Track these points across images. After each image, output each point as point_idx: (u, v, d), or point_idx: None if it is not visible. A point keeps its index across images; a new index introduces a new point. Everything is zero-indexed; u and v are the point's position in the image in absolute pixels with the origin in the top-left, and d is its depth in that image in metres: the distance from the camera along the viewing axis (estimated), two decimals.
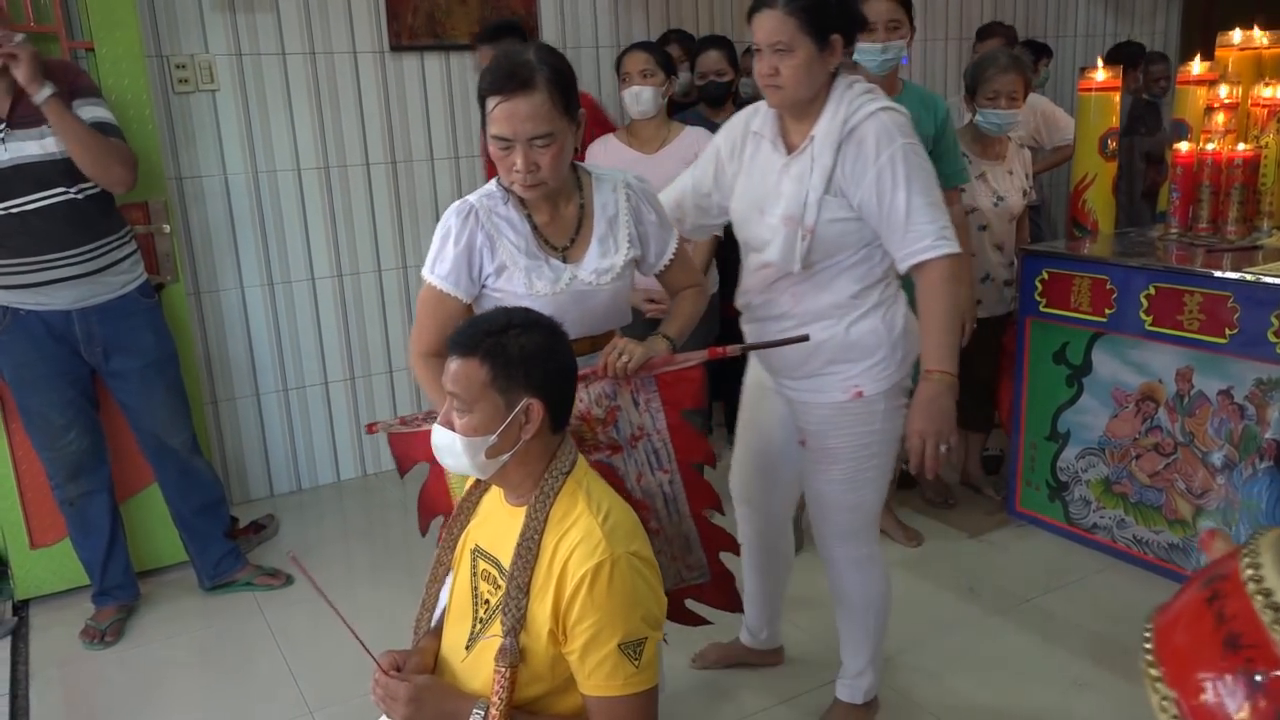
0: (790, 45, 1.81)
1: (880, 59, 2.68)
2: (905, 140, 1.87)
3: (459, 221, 1.73)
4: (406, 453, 1.80)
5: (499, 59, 1.66)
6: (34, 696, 2.55)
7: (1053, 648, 2.59)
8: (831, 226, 1.89)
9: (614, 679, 1.32)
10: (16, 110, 2.51)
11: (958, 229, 2.87)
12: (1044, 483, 3.21)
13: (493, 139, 1.66)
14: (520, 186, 1.68)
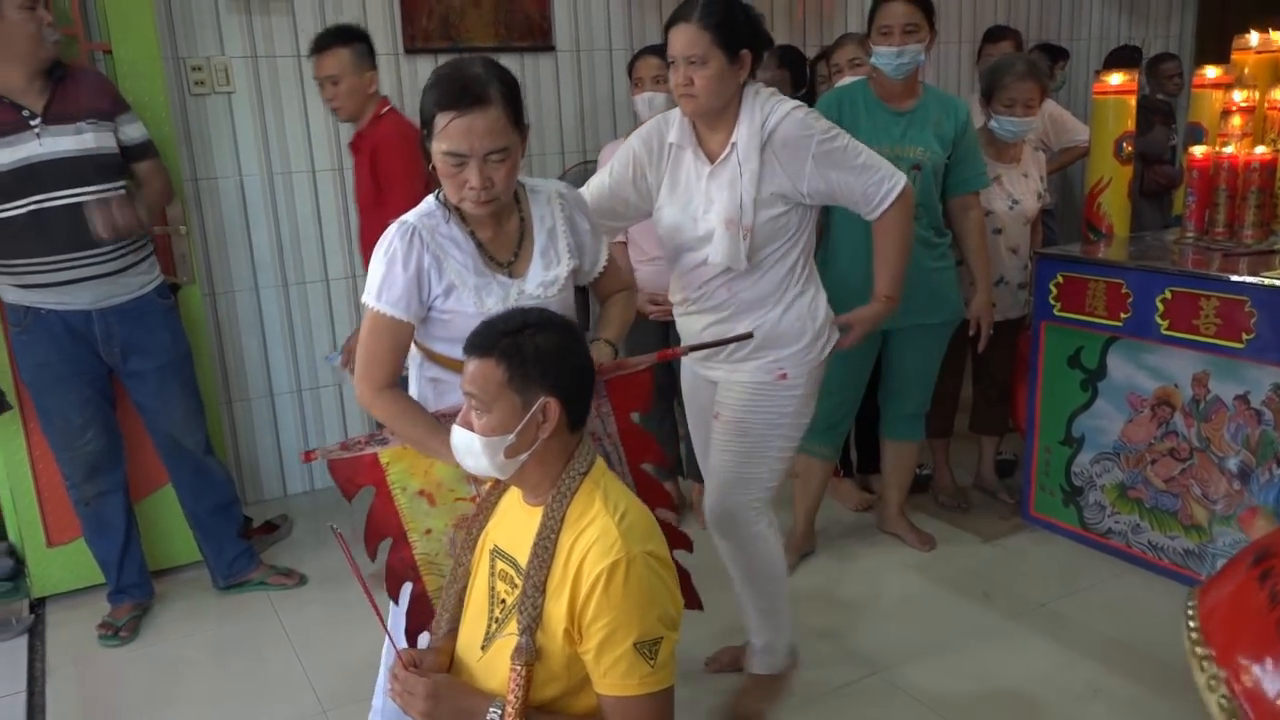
0: (704, 58, 1.96)
1: (895, 63, 2.69)
2: (819, 126, 2.07)
3: (404, 244, 1.68)
4: (350, 478, 1.75)
5: (449, 75, 1.64)
6: (50, 693, 2.56)
7: (1067, 653, 2.58)
8: (767, 225, 2.07)
9: (629, 678, 1.32)
10: (52, 105, 2.53)
11: (976, 233, 2.88)
12: (1058, 487, 3.20)
13: (445, 155, 1.62)
14: (472, 203, 1.66)
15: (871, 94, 2.79)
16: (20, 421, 2.86)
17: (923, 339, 2.93)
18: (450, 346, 1.71)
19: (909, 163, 2.73)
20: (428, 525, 1.76)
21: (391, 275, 1.68)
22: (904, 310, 2.82)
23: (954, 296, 2.93)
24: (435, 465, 1.74)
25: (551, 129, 4.00)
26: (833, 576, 3.04)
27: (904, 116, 2.76)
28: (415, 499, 1.76)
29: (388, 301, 1.69)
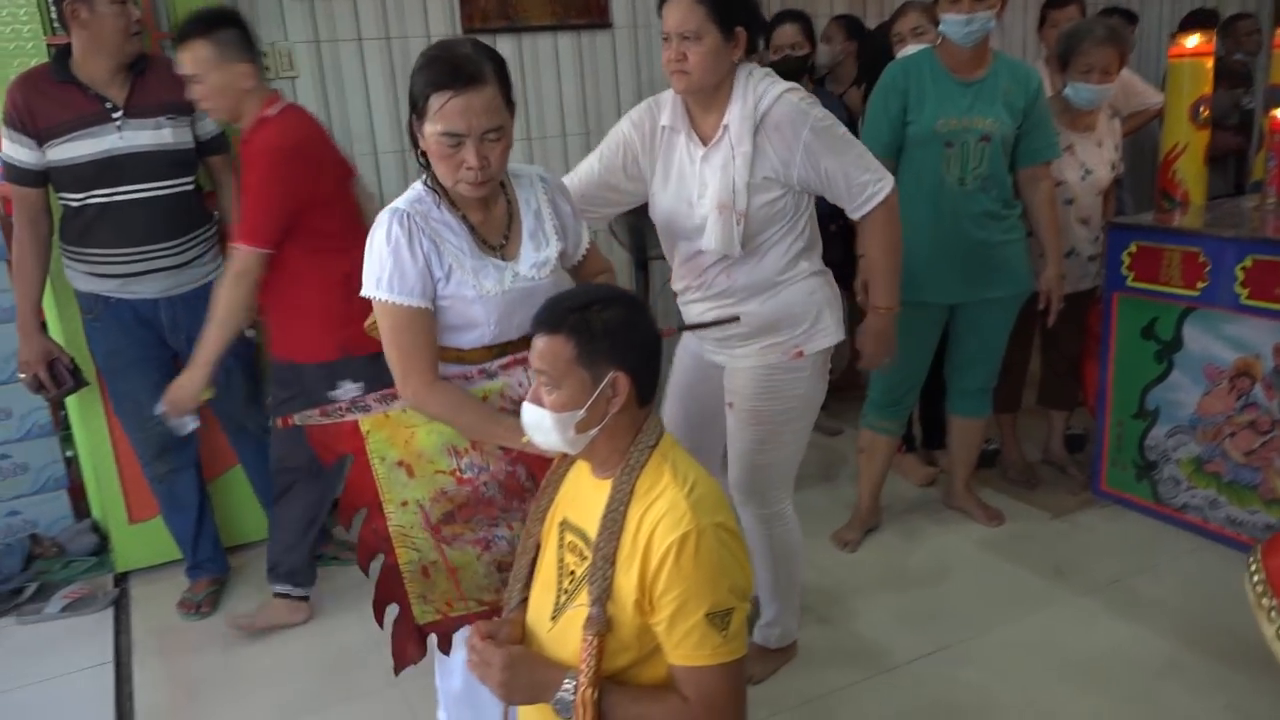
0: (698, 33, 1.92)
1: (965, 30, 2.61)
2: (814, 113, 2.01)
3: (404, 232, 1.65)
4: (328, 445, 1.73)
5: (441, 55, 1.60)
6: (136, 664, 2.65)
7: (1142, 629, 2.53)
8: (762, 209, 2.03)
9: (702, 649, 1.32)
10: (133, 98, 2.60)
11: (1046, 204, 2.81)
12: (1131, 462, 3.13)
13: (441, 136, 1.59)
14: (468, 185, 1.64)
15: (938, 64, 2.73)
16: (101, 402, 2.95)
17: (991, 313, 2.87)
18: (445, 335, 1.73)
19: (977, 134, 2.67)
20: (404, 497, 1.75)
21: (400, 265, 1.65)
22: (972, 284, 2.79)
23: (1023, 270, 2.86)
24: (417, 435, 1.73)
25: (609, 107, 4.00)
26: (899, 552, 3.02)
27: (972, 87, 2.70)
28: (394, 469, 1.74)
29: (403, 292, 1.66)
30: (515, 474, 1.78)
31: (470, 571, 1.80)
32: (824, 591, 2.80)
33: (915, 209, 2.76)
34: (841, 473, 3.59)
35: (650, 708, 1.36)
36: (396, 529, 1.75)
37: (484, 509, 1.78)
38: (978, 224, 2.74)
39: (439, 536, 1.77)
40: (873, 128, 2.79)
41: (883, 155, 2.76)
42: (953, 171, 2.70)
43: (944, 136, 2.68)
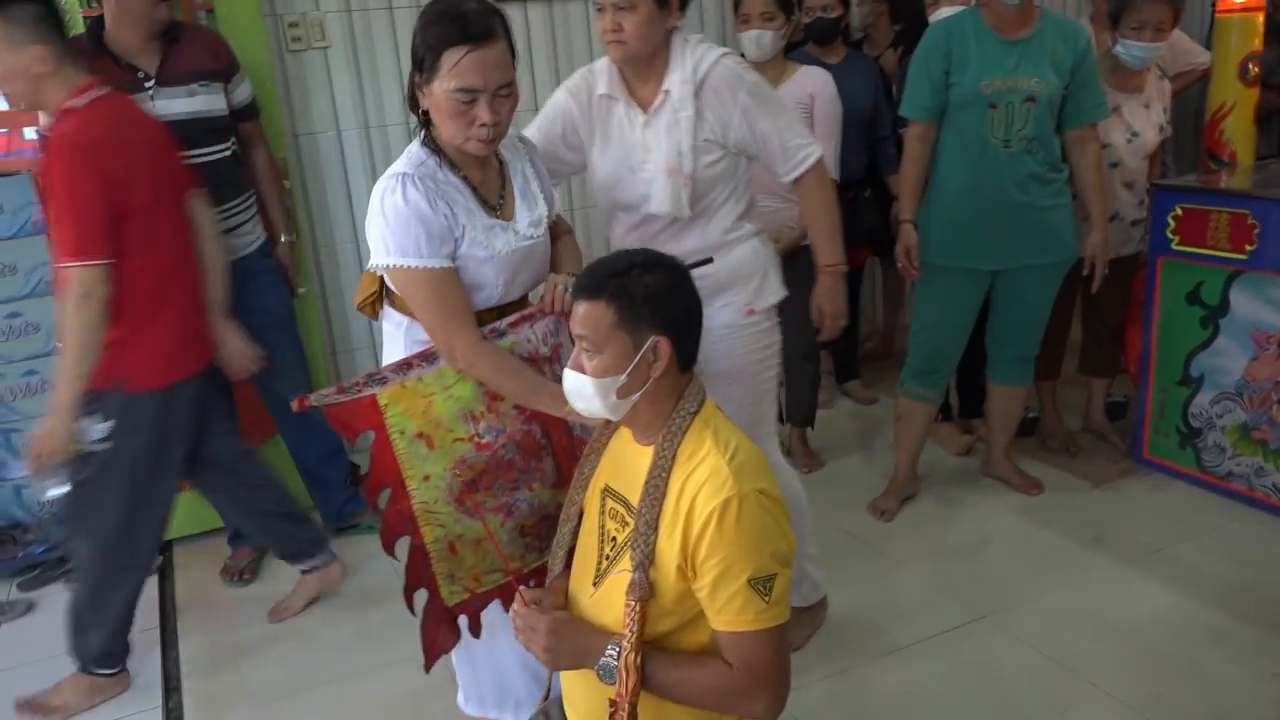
0: (633, 3, 1.92)
1: None
2: (749, 77, 2.06)
3: (420, 193, 1.63)
4: (349, 423, 1.69)
5: (450, 11, 1.59)
6: (181, 629, 2.70)
7: (1186, 599, 2.50)
8: (707, 170, 2.06)
9: (744, 614, 1.32)
10: (165, 66, 2.60)
11: (1093, 167, 2.75)
12: (1174, 429, 3.08)
13: (456, 92, 1.58)
14: (479, 142, 1.63)
15: (982, 23, 2.66)
16: None
17: (1034, 280, 2.81)
18: None
19: (1023, 94, 2.61)
20: (426, 471, 1.71)
21: (427, 226, 1.64)
22: (1014, 249, 2.74)
23: (1068, 236, 2.80)
24: (434, 403, 1.70)
25: None
26: (938, 521, 3.00)
27: (1017, 46, 2.62)
28: (413, 443, 1.70)
29: (433, 254, 1.64)
30: (531, 432, 1.79)
31: (496, 541, 1.79)
32: (861, 560, 2.80)
33: (958, 172, 2.72)
34: (877, 442, 3.56)
35: (693, 672, 1.36)
36: (421, 506, 1.73)
37: (504, 473, 1.77)
38: (1023, 188, 2.68)
39: (463, 508, 1.75)
40: (914, 91, 2.73)
41: (925, 119, 2.72)
42: (997, 133, 2.65)
43: (988, 97, 2.63)
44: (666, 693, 1.36)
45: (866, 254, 3.87)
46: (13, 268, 3.10)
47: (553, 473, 1.83)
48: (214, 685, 2.46)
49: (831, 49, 3.43)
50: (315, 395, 1.67)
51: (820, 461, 3.41)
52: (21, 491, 3.22)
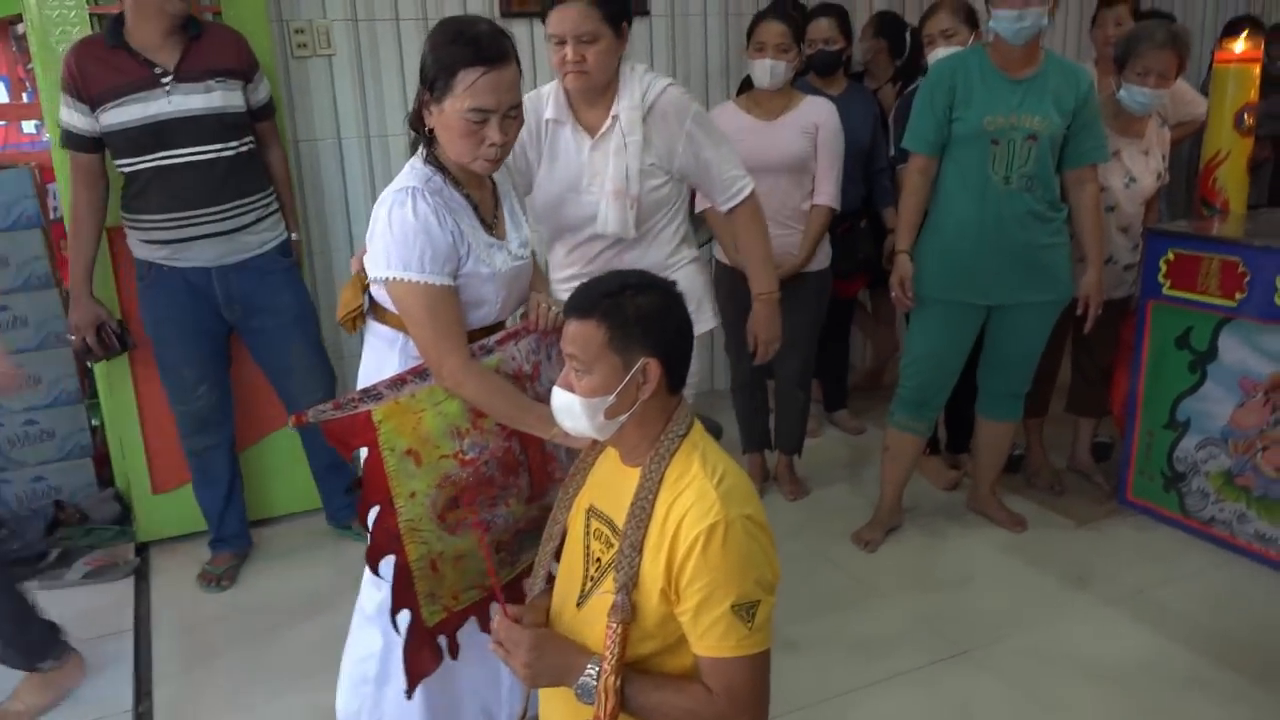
0: (595, 35, 2.01)
1: (1016, 27, 2.56)
2: (694, 106, 2.16)
3: (430, 208, 1.64)
4: (345, 439, 1.66)
5: (465, 31, 1.60)
6: (155, 633, 2.67)
7: (1168, 642, 2.50)
8: (651, 194, 2.15)
9: (727, 640, 1.31)
10: (184, 63, 2.60)
11: (1091, 208, 2.77)
12: (1159, 472, 3.09)
13: (469, 113, 1.60)
14: (487, 162, 1.66)
15: (988, 61, 2.68)
16: (129, 372, 2.97)
17: (1028, 317, 2.82)
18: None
19: (1025, 132, 2.63)
20: (412, 488, 1.70)
21: (434, 241, 1.63)
22: (1011, 286, 2.75)
23: (1064, 275, 2.80)
24: (424, 419, 1.69)
25: None
26: (921, 553, 3.00)
27: (1021, 84, 2.65)
28: (403, 459, 1.68)
29: (435, 270, 1.64)
30: (511, 449, 1.79)
31: (474, 557, 1.79)
32: (842, 590, 2.79)
33: (957, 207, 2.73)
34: (863, 472, 3.56)
35: (672, 697, 1.36)
36: (406, 524, 1.71)
37: (485, 489, 1.77)
38: (1022, 224, 2.69)
39: (444, 524, 1.74)
40: (917, 124, 2.76)
41: (927, 152, 2.74)
42: (998, 170, 2.66)
43: (990, 134, 2.64)
44: (645, 715, 1.36)
45: (860, 284, 3.88)
46: (5, 260, 3.09)
47: (526, 488, 1.83)
48: (186, 690, 2.43)
49: (832, 80, 3.46)
50: (313, 411, 1.65)
51: (806, 490, 3.41)
52: (1, 487, 3.19)
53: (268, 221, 2.80)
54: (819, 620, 2.61)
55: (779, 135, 3.02)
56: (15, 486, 3.20)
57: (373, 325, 1.83)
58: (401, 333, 1.76)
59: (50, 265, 3.17)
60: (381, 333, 1.81)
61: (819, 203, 3.08)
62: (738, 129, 3.06)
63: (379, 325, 1.81)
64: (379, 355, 1.82)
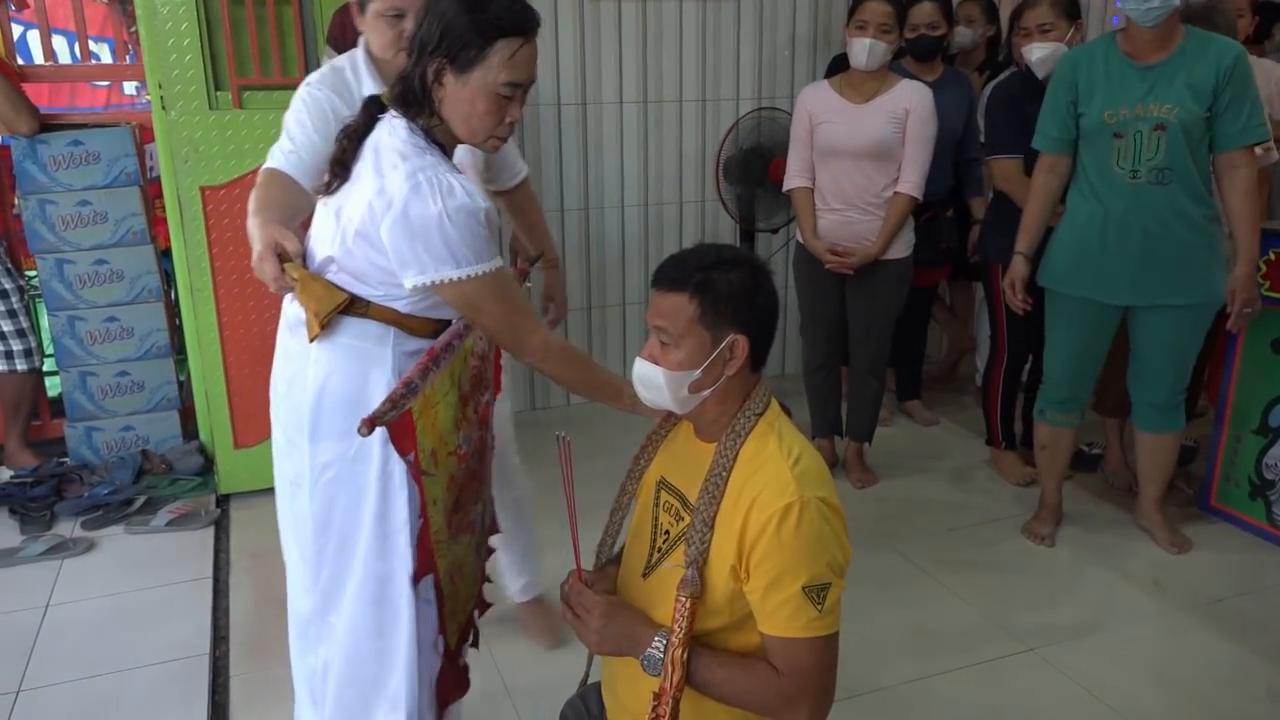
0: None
1: (1144, 8, 2.44)
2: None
3: (471, 200, 1.47)
4: (401, 442, 1.48)
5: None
6: (233, 581, 2.77)
7: (1246, 652, 2.42)
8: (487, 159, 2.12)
9: (796, 620, 1.31)
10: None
11: (1239, 195, 2.53)
12: (1246, 479, 2.99)
13: (505, 85, 1.47)
14: (498, 140, 1.56)
15: (1116, 50, 2.57)
16: (217, 330, 3.06)
17: (1168, 321, 2.66)
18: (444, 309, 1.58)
19: (1151, 122, 2.50)
20: (435, 494, 1.57)
21: (490, 227, 1.51)
22: (1143, 286, 2.63)
23: (1210, 276, 2.61)
24: (440, 412, 1.54)
25: (728, 75, 3.95)
26: (991, 548, 2.95)
27: (1151, 71, 2.51)
28: (429, 462, 1.53)
29: (494, 255, 1.51)
30: (483, 436, 1.70)
31: (467, 564, 1.71)
32: (908, 581, 2.76)
33: (1084, 203, 2.66)
34: (934, 465, 3.52)
35: (737, 674, 1.36)
36: (435, 537, 1.59)
37: (472, 485, 1.68)
38: (1157, 221, 2.56)
39: (451, 532, 1.63)
40: (1043, 121, 2.71)
41: (1052, 150, 2.68)
42: (1123, 164, 2.56)
43: (1112, 127, 2.55)
44: (709, 691, 1.36)
45: (940, 275, 3.82)
46: (104, 215, 3.20)
47: (488, 480, 1.75)
48: (260, 636, 2.51)
49: (930, 66, 3.39)
50: (378, 411, 1.42)
51: (875, 478, 3.37)
52: (92, 434, 3.33)
53: None
54: (884, 609, 2.58)
55: (867, 119, 2.97)
56: (106, 434, 3.33)
57: (351, 324, 1.57)
58: (394, 326, 1.58)
59: (146, 222, 3.28)
60: (370, 330, 1.58)
61: (901, 190, 3.02)
62: (827, 109, 3.03)
63: (364, 322, 1.57)
64: (362, 357, 1.58)
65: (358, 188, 1.52)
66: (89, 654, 2.41)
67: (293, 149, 1.88)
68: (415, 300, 1.55)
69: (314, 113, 1.92)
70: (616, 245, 3.98)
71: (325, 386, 1.59)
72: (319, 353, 1.59)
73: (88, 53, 3.67)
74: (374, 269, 1.52)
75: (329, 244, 1.55)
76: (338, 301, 1.54)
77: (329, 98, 1.94)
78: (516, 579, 2.47)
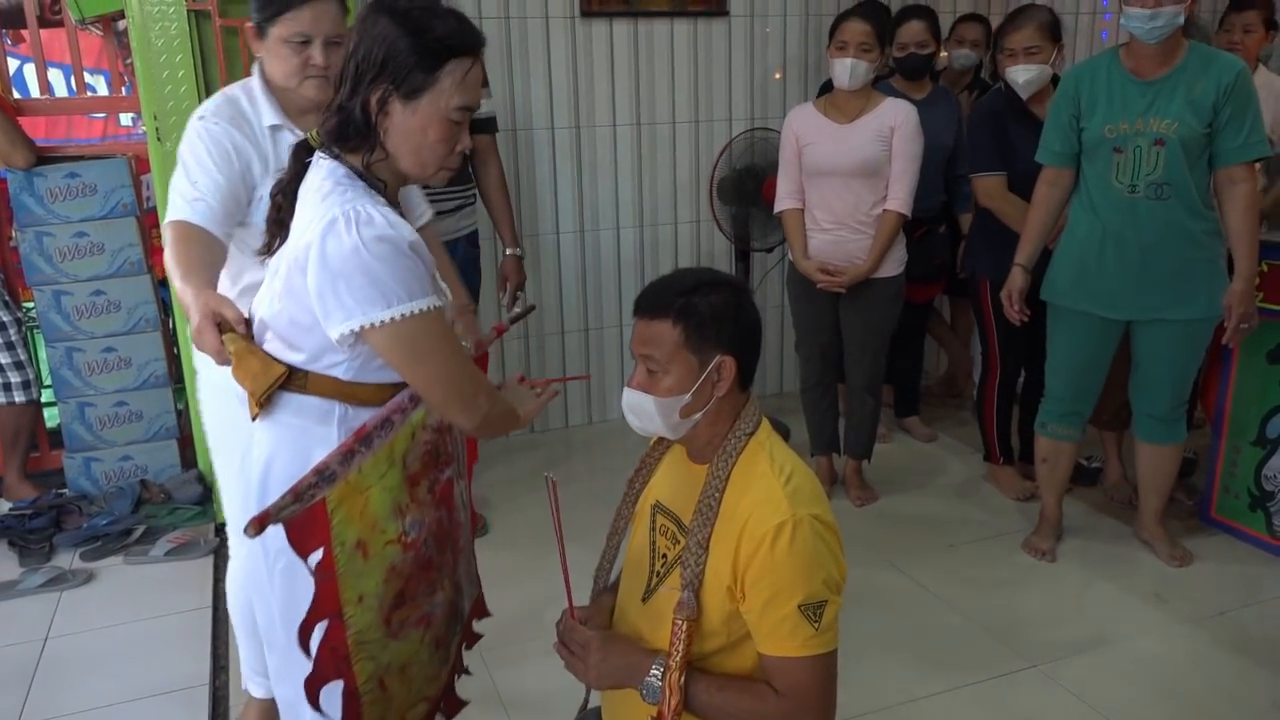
0: (342, 39, 1.75)
1: (1149, 26, 2.44)
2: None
3: (394, 230, 1.29)
4: (304, 539, 1.32)
5: (442, 11, 1.35)
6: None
7: (1249, 665, 2.41)
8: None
9: (793, 639, 1.31)
10: None
11: (1239, 211, 2.53)
12: (1245, 490, 2.99)
13: (456, 110, 1.36)
14: (449, 170, 1.43)
15: (1118, 65, 2.58)
16: None
17: (1167, 336, 2.67)
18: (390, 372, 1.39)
19: (1150, 137, 2.51)
20: (361, 589, 1.38)
21: (423, 263, 1.33)
22: (1142, 300, 2.64)
23: (1208, 291, 2.61)
24: (371, 498, 1.37)
25: (721, 95, 3.98)
26: (990, 564, 2.94)
27: (1152, 86, 2.52)
28: (352, 555, 1.36)
29: (431, 290, 1.34)
30: (441, 519, 1.52)
31: (418, 662, 1.52)
32: (908, 598, 2.75)
33: (1084, 217, 2.67)
34: (933, 480, 3.52)
35: (736, 696, 1.35)
36: (355, 638, 1.39)
37: (426, 574, 1.50)
38: (1155, 235, 2.57)
39: (389, 629, 1.44)
40: (1046, 135, 2.72)
41: (1053, 163, 2.70)
42: (1122, 178, 2.57)
43: (1112, 141, 2.57)
44: (709, 714, 1.36)
45: (935, 290, 3.83)
46: (101, 246, 3.22)
47: (453, 565, 1.58)
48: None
49: (918, 84, 3.42)
50: (273, 507, 1.28)
51: (874, 495, 3.37)
52: (91, 465, 3.33)
53: (464, 211, 2.99)
54: (883, 627, 2.58)
55: (853, 138, 2.99)
56: (104, 464, 3.33)
57: (291, 400, 1.40)
58: (338, 401, 1.39)
59: (143, 252, 3.29)
60: (310, 406, 1.40)
61: (890, 208, 3.03)
62: (813, 131, 3.05)
63: (307, 398, 1.39)
64: (305, 437, 1.40)
65: (290, 241, 1.36)
66: (89, 685, 2.40)
67: (198, 196, 1.73)
68: (353, 361, 1.36)
69: (215, 151, 1.78)
70: (612, 266, 4.00)
71: (270, 469, 1.41)
72: (261, 433, 1.43)
73: (83, 85, 3.70)
74: (301, 331, 1.35)
75: (265, 307, 1.40)
76: (274, 376, 1.37)
77: (228, 132, 1.80)
78: None
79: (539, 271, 3.86)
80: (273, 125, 1.85)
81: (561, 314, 3.97)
